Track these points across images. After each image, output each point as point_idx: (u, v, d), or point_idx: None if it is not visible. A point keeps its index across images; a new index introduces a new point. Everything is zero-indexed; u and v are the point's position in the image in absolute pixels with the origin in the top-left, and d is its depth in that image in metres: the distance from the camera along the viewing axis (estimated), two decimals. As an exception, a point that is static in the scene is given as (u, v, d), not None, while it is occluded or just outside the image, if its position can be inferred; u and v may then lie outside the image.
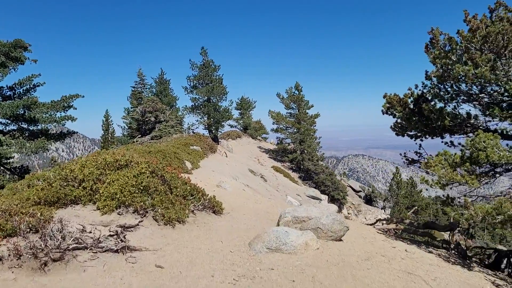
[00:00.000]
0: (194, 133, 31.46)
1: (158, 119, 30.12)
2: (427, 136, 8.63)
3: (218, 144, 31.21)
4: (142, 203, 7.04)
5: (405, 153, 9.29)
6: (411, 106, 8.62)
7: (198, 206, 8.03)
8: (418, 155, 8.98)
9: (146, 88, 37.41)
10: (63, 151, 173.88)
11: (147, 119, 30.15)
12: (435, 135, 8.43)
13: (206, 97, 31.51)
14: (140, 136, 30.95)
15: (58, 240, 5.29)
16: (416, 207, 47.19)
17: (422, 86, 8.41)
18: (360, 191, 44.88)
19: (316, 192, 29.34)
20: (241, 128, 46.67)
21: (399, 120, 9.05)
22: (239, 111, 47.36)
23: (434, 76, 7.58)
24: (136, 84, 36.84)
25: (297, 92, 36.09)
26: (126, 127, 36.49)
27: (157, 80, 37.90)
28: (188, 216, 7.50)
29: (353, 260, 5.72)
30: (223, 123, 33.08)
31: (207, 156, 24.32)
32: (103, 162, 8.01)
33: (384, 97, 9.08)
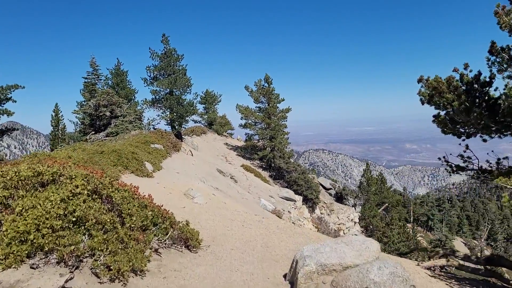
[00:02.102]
0: (155, 129, 28.37)
1: (114, 114, 26.81)
2: (492, 135, 6.40)
3: (182, 141, 28.32)
4: (73, 248, 4.33)
5: (444, 157, 7.02)
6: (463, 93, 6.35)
7: (165, 241, 5.39)
8: (465, 160, 6.76)
9: (101, 80, 33.84)
10: (15, 148, 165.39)
11: (101, 114, 26.78)
12: (502, 133, 6.24)
13: (168, 90, 28.50)
14: (93, 132, 27.54)
15: None
16: (386, 204, 46.48)
17: (488, 64, 6.14)
18: (331, 188, 43.30)
19: (289, 193, 27.20)
20: (206, 124, 43.79)
21: (443, 113, 6.77)
22: (204, 105, 44.45)
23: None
24: (88, 75, 33.12)
25: (267, 85, 33.69)
26: (79, 122, 32.85)
27: (113, 71, 34.36)
28: (149, 261, 4.86)
29: None
30: (187, 118, 30.14)
31: (170, 156, 21.59)
32: (15, 177, 5.18)
33: (420, 80, 6.73)
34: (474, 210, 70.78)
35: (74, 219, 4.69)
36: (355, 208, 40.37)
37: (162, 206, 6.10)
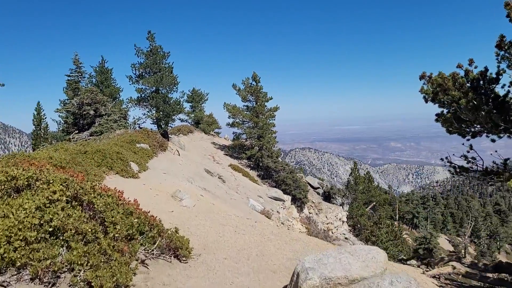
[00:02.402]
0: (140, 128, 27.73)
1: (98, 113, 26.12)
2: (501, 135, 6.08)
3: (168, 140, 27.74)
4: (49, 262, 3.88)
5: (447, 158, 6.69)
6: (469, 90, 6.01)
7: (153, 251, 4.95)
8: (468, 160, 6.44)
9: (84, 78, 32.97)
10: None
11: (85, 112, 26.06)
12: (511, 133, 5.93)
13: (154, 88, 27.86)
14: (77, 132, 26.77)
15: None
16: (374, 203, 46.60)
17: (497, 59, 5.81)
18: (319, 187, 43.16)
19: (278, 193, 26.87)
20: (193, 123, 43.20)
21: (446, 111, 6.44)
22: (190, 104, 43.86)
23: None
24: (72, 73, 32.22)
25: (255, 83, 33.31)
26: (62, 121, 31.96)
27: (97, 69, 33.53)
28: (135, 274, 4.42)
29: None
30: (173, 117, 29.51)
31: (156, 155, 21.08)
32: (-14, 183, 4.68)
33: (423, 77, 6.36)
34: (457, 208, 71.76)
35: (50, 229, 4.22)
36: (342, 207, 40.33)
37: (149, 211, 5.65)
